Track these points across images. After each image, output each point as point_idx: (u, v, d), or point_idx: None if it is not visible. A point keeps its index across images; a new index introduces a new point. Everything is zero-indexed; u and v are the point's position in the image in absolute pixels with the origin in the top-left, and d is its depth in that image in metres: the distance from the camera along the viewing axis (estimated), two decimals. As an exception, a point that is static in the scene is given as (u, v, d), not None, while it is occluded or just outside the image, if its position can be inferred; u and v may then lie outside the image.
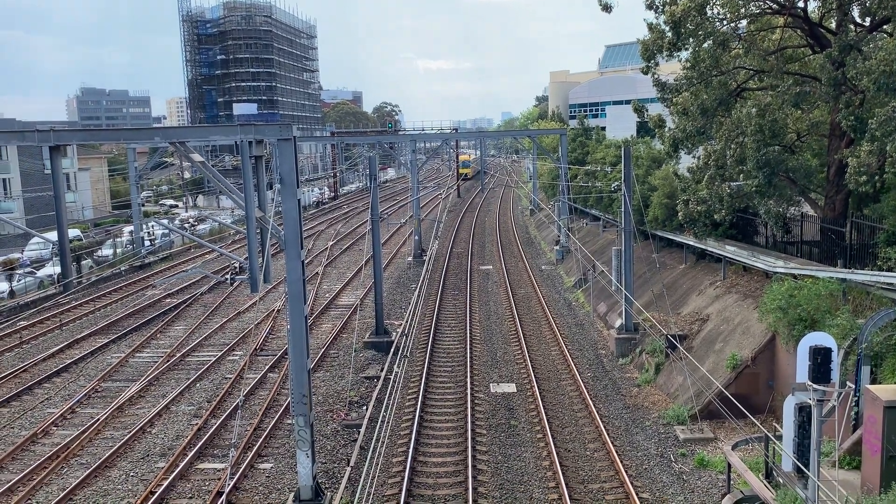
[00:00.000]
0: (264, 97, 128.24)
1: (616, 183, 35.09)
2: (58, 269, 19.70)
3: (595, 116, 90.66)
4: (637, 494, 17.59)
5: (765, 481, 15.82)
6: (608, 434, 21.14)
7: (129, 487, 18.78)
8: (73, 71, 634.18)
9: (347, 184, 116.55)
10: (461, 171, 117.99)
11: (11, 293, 39.24)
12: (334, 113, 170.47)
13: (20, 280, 40.96)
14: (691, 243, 32.14)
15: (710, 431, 21.18)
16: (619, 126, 68.07)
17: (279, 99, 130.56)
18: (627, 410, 23.40)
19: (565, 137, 54.13)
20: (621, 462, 19.31)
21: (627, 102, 52.64)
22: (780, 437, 15.03)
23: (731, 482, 17.12)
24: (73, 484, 18.57)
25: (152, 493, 18.22)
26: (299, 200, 16.33)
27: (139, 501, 17.84)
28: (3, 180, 68.74)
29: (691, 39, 25.45)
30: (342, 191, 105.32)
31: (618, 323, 29.93)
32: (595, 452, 20.33)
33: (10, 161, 68.39)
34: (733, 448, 17.27)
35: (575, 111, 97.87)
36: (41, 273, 43.41)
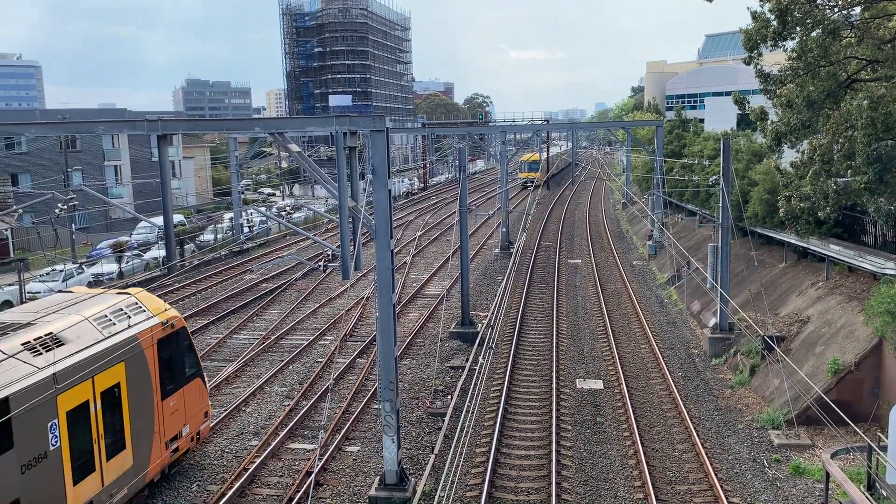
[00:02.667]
0: (359, 89, 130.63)
1: (714, 177, 33.90)
2: (163, 252, 20.66)
3: (693, 108, 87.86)
4: (727, 499, 17.06)
5: (866, 493, 15.05)
6: (698, 435, 20.57)
7: (224, 463, 19.63)
8: (179, 64, 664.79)
9: (437, 175, 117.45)
10: (522, 175, 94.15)
11: (120, 274, 41.69)
12: (426, 104, 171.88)
13: (128, 262, 43.39)
14: (792, 241, 30.80)
15: (808, 438, 20.29)
16: (719, 118, 65.64)
17: (373, 91, 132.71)
18: (719, 412, 22.69)
19: (661, 129, 52.74)
20: (711, 465, 18.76)
21: (728, 94, 50.75)
22: (884, 448, 14.29)
23: (830, 492, 16.36)
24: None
25: (245, 469, 18.98)
26: (390, 191, 16.58)
27: (233, 477, 18.63)
28: (115, 167, 72.85)
29: (798, 28, 24.26)
30: (431, 182, 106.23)
31: (712, 322, 29.02)
32: (684, 454, 19.83)
33: (121, 149, 72.35)
34: (832, 457, 16.50)
35: (672, 102, 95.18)
36: (147, 255, 45.85)
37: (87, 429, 14.55)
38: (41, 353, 13.70)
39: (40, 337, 14.10)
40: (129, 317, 16.55)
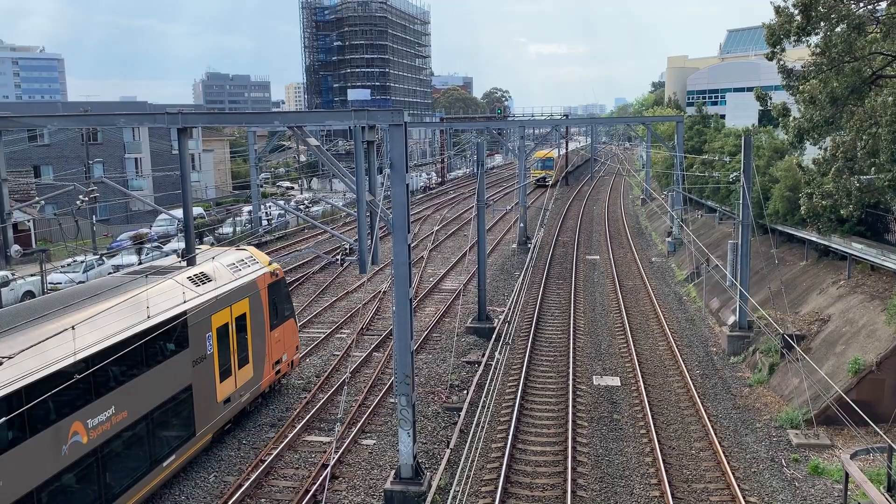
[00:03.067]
0: (377, 83, 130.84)
1: (735, 174, 33.60)
2: (182, 245, 20.89)
3: (714, 104, 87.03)
4: (744, 498, 16.94)
5: (886, 495, 14.87)
6: (716, 434, 20.43)
7: (241, 454, 19.78)
8: (201, 57, 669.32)
9: (455, 169, 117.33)
10: (535, 173, 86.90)
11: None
12: (444, 99, 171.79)
13: (148, 253, 43.77)
14: (814, 239, 30.47)
15: (827, 438, 20.09)
16: (740, 114, 64.99)
17: (392, 85, 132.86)
18: (737, 411, 22.52)
19: (682, 125, 52.28)
20: (728, 463, 18.63)
21: (749, 90, 50.20)
22: (905, 450, 14.11)
23: (849, 493, 16.19)
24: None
25: (262, 461, 19.12)
26: (408, 185, 16.58)
27: (250, 468, 18.77)
28: (135, 160, 73.49)
29: (822, 23, 23.93)
30: (449, 176, 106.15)
31: (731, 320, 28.80)
32: (701, 452, 19.71)
33: (142, 142, 72.98)
34: (852, 457, 16.31)
35: (693, 98, 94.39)
36: (167, 247, 46.23)
37: (227, 343, 19.54)
38: (199, 285, 18.70)
39: (197, 274, 19.07)
40: (248, 265, 21.48)
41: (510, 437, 19.96)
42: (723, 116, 68.57)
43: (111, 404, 15.02)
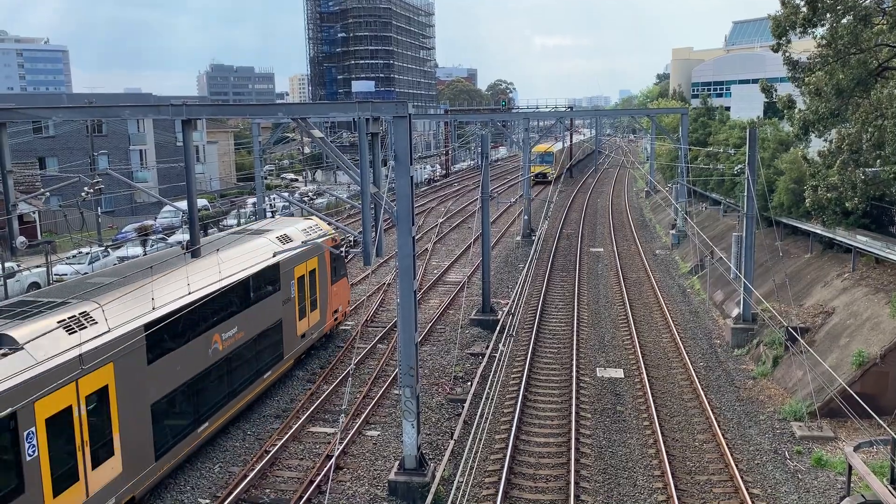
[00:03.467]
0: (382, 75, 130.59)
1: (739, 166, 33.53)
2: (187, 236, 20.98)
3: (719, 96, 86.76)
4: (747, 489, 16.99)
5: (889, 487, 14.90)
6: (719, 426, 20.47)
7: (246, 445, 19.88)
8: (205, 49, 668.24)
9: (459, 162, 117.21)
10: (535, 168, 76.23)
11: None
12: (449, 90, 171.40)
13: (153, 245, 43.86)
14: (818, 232, 30.41)
15: (830, 430, 20.11)
16: (745, 106, 64.75)
17: (396, 76, 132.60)
18: (741, 403, 22.55)
19: (686, 117, 52.14)
20: (732, 455, 18.68)
21: (755, 82, 50.04)
22: (909, 442, 14.11)
23: (852, 485, 16.21)
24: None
25: (266, 451, 19.21)
26: (412, 177, 16.57)
27: (255, 459, 18.87)
28: (140, 151, 73.56)
29: (828, 14, 23.83)
30: (454, 168, 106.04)
31: (735, 312, 28.79)
32: (704, 444, 19.75)
33: (146, 133, 73.03)
34: (855, 449, 16.32)
35: (698, 90, 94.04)
36: (172, 239, 46.32)
37: (303, 291, 24.48)
38: (284, 244, 23.12)
39: (281, 235, 23.82)
40: (316, 231, 26.30)
41: (514, 429, 20.02)
42: (728, 108, 68.30)
43: (235, 325, 20.12)
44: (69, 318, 14.58)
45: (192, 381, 17.98)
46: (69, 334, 14.19)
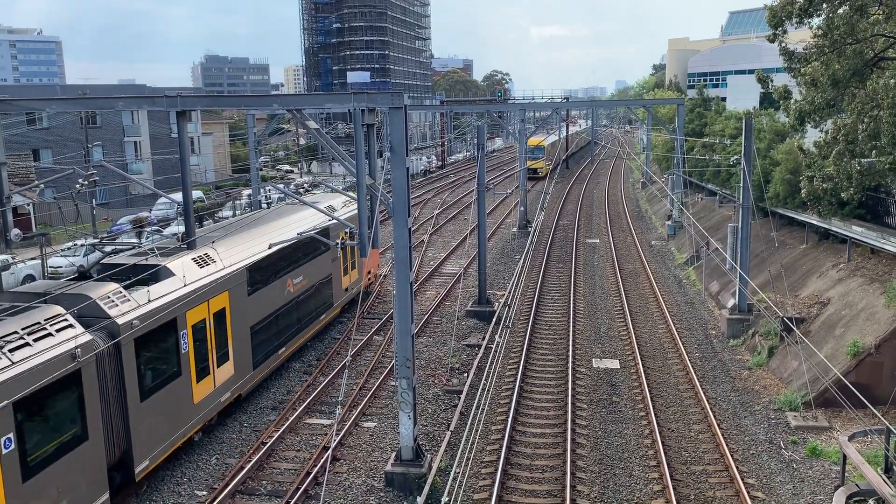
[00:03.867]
0: (377, 65, 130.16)
1: (735, 157, 33.54)
2: (182, 228, 21.09)
3: (715, 86, 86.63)
4: (742, 479, 17.06)
5: (884, 476, 14.98)
6: (714, 416, 20.54)
7: (243, 437, 19.89)
8: (199, 39, 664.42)
9: (455, 153, 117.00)
10: (530, 164, 70.04)
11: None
12: (444, 81, 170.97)
13: (148, 237, 43.74)
14: (814, 222, 30.47)
15: (825, 420, 20.20)
16: (741, 97, 64.73)
17: (391, 67, 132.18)
18: (736, 393, 22.63)
19: (682, 108, 52.11)
20: (727, 445, 18.75)
21: (751, 72, 49.94)
22: (903, 431, 14.18)
23: (846, 474, 16.30)
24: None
25: (263, 443, 19.23)
26: (408, 168, 16.54)
27: (251, 451, 18.88)
28: (135, 143, 73.27)
29: (825, 4, 23.79)
30: (449, 160, 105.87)
31: (730, 303, 28.85)
32: (700, 434, 19.82)
33: (141, 125, 72.72)
34: (850, 439, 16.41)
35: (694, 80, 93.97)
36: (167, 231, 46.18)
37: (345, 253, 29.63)
38: (332, 212, 25.20)
39: (327, 206, 27.25)
40: (352, 205, 29.18)
41: (510, 420, 20.07)
42: (724, 99, 68.31)
43: (301, 274, 24.92)
44: (198, 256, 19.35)
45: (275, 313, 22.97)
46: (200, 268, 18.99)
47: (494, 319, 28.71)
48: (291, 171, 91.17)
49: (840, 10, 23.81)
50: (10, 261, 35.07)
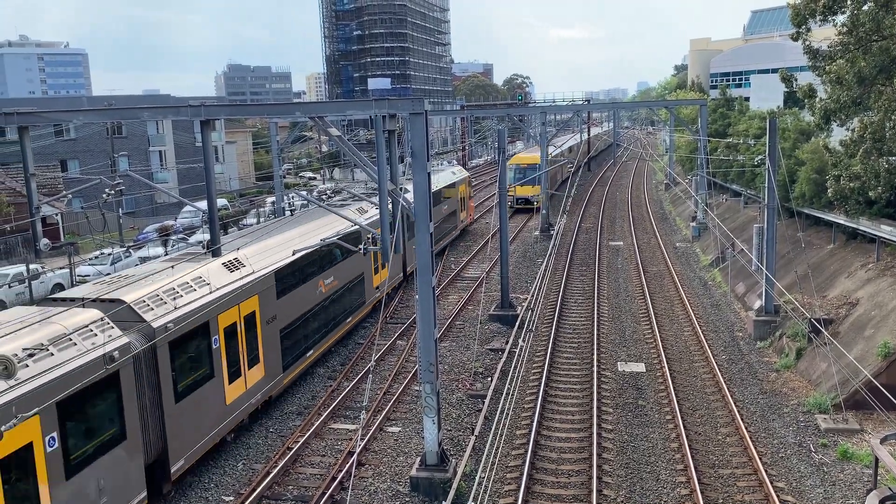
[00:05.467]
0: (397, 71, 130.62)
1: (759, 157, 33.17)
2: (207, 236, 21.25)
3: (738, 86, 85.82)
4: (772, 483, 16.84)
5: (917, 479, 14.70)
6: (742, 419, 20.31)
7: (269, 442, 20.01)
8: (222, 48, 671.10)
9: (476, 157, 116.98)
10: (512, 189, 53.45)
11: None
12: (465, 86, 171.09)
13: (174, 245, 44.23)
14: (841, 222, 30.03)
15: (856, 423, 19.88)
16: (765, 96, 64.03)
17: (412, 73, 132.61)
18: (764, 396, 22.35)
19: (705, 108, 51.68)
20: (755, 448, 18.52)
21: (774, 71, 49.39)
22: (936, 434, 13.91)
23: (879, 478, 16.01)
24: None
25: (289, 448, 19.33)
26: (429, 173, 16.57)
27: (277, 456, 18.99)
28: (159, 152, 74.17)
29: (849, 1, 23.51)
30: (471, 164, 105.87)
31: (757, 304, 28.53)
32: (727, 437, 19.60)
33: (166, 134, 73.61)
34: (882, 442, 16.10)
35: (716, 80, 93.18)
36: (192, 239, 46.67)
37: (457, 199, 44.84)
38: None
39: (452, 171, 45.74)
40: (463, 173, 47.18)
41: (535, 424, 19.99)
42: (747, 99, 67.59)
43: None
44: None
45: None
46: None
47: (517, 323, 28.63)
48: (314, 178, 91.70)
49: (865, 7, 23.51)
50: (39, 270, 35.66)
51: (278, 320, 21.67)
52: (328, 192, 64.72)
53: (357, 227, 24.95)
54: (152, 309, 16.37)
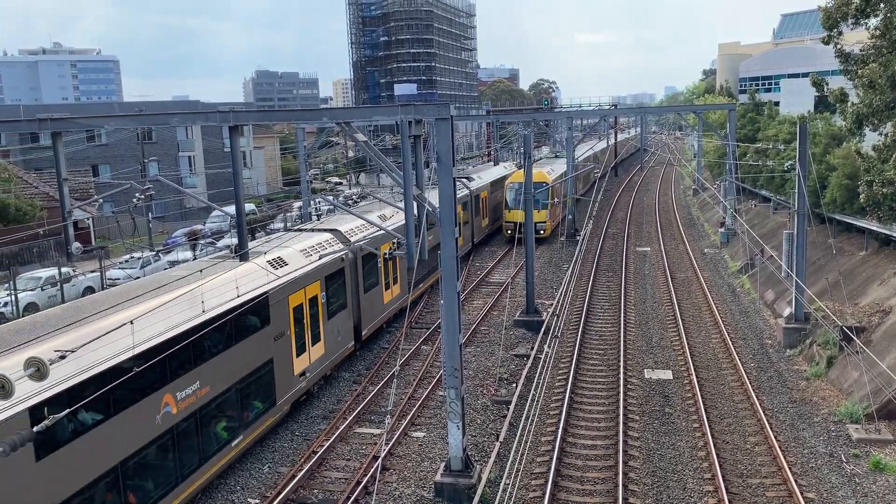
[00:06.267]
0: (423, 77, 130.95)
1: (790, 162, 32.73)
2: (235, 240, 21.57)
3: (768, 91, 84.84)
4: (802, 493, 16.56)
5: (953, 492, 14.37)
6: (771, 428, 20.00)
7: (294, 446, 20.12)
8: (250, 55, 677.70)
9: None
10: (509, 216, 46.65)
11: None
12: (490, 91, 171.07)
13: (202, 249, 44.72)
14: (874, 228, 29.52)
15: (889, 433, 19.48)
16: (795, 101, 63.19)
17: (437, 79, 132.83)
18: (794, 405, 22.00)
19: (734, 113, 51.09)
20: (785, 458, 18.23)
21: (805, 75, 48.78)
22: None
23: (912, 490, 15.69)
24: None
25: (314, 452, 19.41)
26: (454, 179, 16.58)
27: (303, 459, 19.09)
28: (188, 158, 75.08)
29: (882, 4, 23.15)
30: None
31: (786, 312, 28.11)
32: (756, 446, 19.32)
33: (195, 140, 74.52)
34: (916, 453, 15.81)
35: (745, 85, 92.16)
36: (220, 243, 47.14)
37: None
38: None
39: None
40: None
41: (560, 431, 19.87)
42: (777, 104, 66.79)
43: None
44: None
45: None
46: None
47: (543, 329, 28.51)
48: (340, 183, 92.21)
49: (898, 10, 23.14)
50: (71, 273, 36.24)
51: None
52: (354, 196, 65.06)
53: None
54: (355, 235, 26.00)
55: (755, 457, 18.78)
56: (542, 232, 46.44)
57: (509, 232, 46.85)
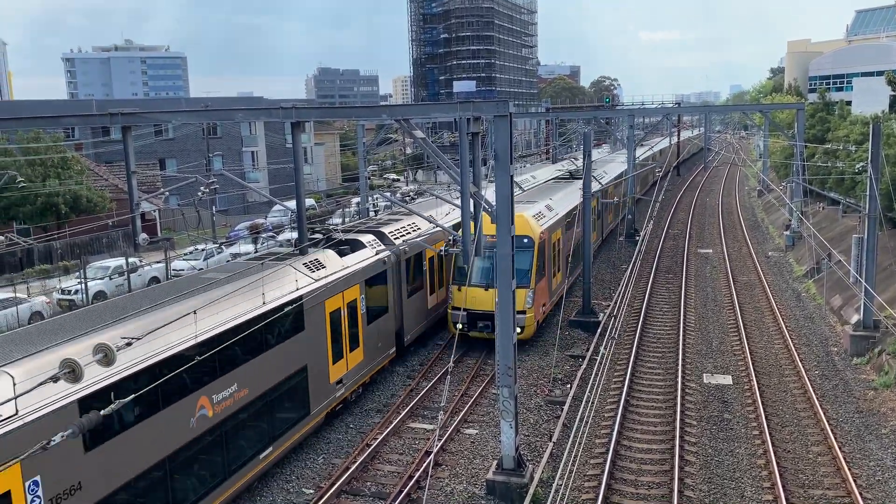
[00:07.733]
0: (483, 74, 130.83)
1: (861, 163, 31.56)
2: (295, 235, 22.00)
3: (839, 90, 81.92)
4: (867, 508, 15.97)
5: None
6: (835, 438, 19.34)
7: (349, 438, 20.37)
8: (313, 52, 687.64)
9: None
10: (457, 299, 26.92)
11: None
12: (550, 88, 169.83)
13: (263, 243, 45.64)
14: (951, 234, 28.21)
15: (963, 448, 18.63)
16: (868, 100, 60.81)
17: (497, 76, 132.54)
18: (860, 415, 21.22)
19: (802, 112, 49.52)
20: (850, 470, 17.60)
21: (879, 74, 47.01)
22: None
23: None
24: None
25: (368, 445, 19.63)
26: (512, 176, 16.51)
27: (356, 452, 19.31)
28: (252, 153, 76.71)
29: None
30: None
31: (854, 318, 27.13)
32: (819, 456, 18.71)
33: (258, 135, 76.08)
34: None
35: (815, 84, 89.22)
36: (281, 237, 48.04)
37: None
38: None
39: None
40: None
41: (615, 433, 19.61)
42: (848, 103, 64.44)
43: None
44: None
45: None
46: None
47: (599, 330, 28.17)
48: (398, 180, 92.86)
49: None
50: (137, 263, 37.46)
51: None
52: (411, 193, 65.44)
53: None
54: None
55: (818, 467, 18.20)
56: (519, 331, 24.66)
57: (459, 326, 25.50)
